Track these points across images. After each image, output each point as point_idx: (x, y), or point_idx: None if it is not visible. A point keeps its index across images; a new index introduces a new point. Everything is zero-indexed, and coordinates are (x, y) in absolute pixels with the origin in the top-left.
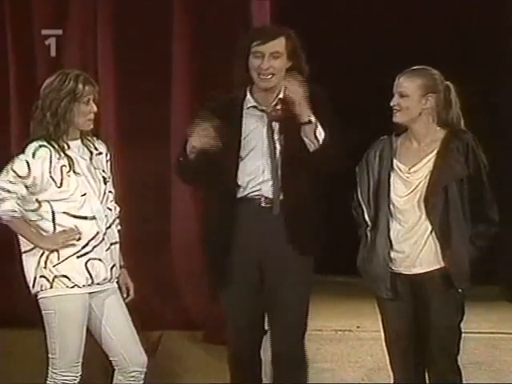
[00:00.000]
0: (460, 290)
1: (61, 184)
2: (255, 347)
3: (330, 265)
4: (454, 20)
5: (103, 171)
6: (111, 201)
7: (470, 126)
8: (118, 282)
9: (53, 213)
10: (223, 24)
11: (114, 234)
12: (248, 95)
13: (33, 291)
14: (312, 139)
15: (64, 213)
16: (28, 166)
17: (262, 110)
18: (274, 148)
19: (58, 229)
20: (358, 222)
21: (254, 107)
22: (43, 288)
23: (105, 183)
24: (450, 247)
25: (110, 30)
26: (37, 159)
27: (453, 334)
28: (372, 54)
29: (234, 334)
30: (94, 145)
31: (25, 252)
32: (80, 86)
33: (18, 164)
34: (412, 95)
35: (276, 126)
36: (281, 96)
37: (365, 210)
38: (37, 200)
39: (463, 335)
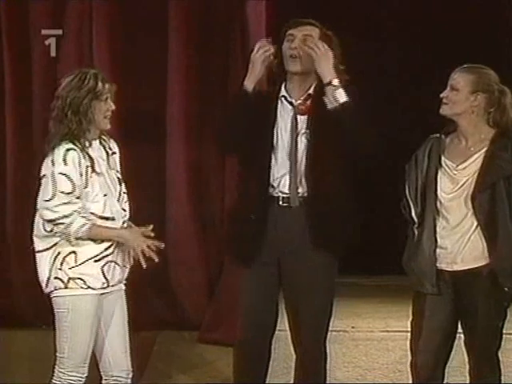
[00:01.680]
0: (506, 289)
1: (86, 185)
2: (264, 343)
3: None
4: (454, 20)
5: (117, 171)
6: (125, 202)
7: None
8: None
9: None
10: (219, 23)
11: None
12: (282, 86)
13: (46, 290)
14: (330, 98)
15: (91, 213)
16: (69, 179)
17: (291, 103)
18: (296, 142)
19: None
20: (407, 219)
21: (284, 98)
22: (57, 288)
23: (120, 184)
24: (497, 244)
25: (106, 30)
26: (70, 165)
27: (493, 333)
28: (370, 54)
29: (246, 326)
30: (108, 145)
31: (38, 251)
32: (100, 84)
33: (60, 182)
34: (462, 90)
35: (302, 120)
36: (311, 92)
37: (412, 207)
38: None
39: (460, 335)
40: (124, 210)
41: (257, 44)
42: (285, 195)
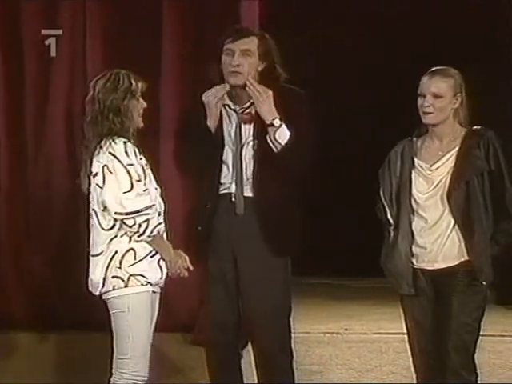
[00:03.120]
0: (484, 283)
1: (145, 176)
2: (227, 341)
3: (318, 267)
4: (454, 20)
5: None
6: (161, 199)
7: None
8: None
9: None
10: (212, 24)
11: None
12: (225, 93)
13: (102, 291)
14: (273, 141)
15: None
16: (135, 170)
17: (234, 110)
18: (241, 148)
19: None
20: (382, 222)
21: (228, 106)
22: (116, 287)
23: (155, 180)
24: (473, 240)
25: (99, 31)
26: (131, 156)
27: (471, 330)
28: (367, 54)
29: (211, 331)
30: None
31: (96, 255)
32: (134, 83)
33: (133, 173)
34: (446, 95)
35: (246, 127)
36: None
37: (387, 209)
38: None
39: None
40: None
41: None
42: (234, 201)
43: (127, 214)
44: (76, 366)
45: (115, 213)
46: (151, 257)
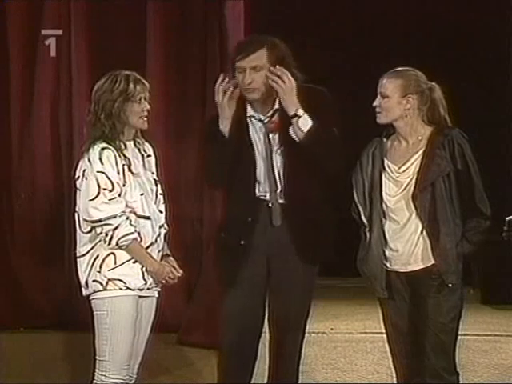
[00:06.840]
0: (450, 285)
1: (124, 183)
2: (252, 344)
3: None
4: (454, 20)
5: (153, 173)
6: (162, 203)
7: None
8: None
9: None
10: (197, 24)
11: (161, 239)
12: (247, 105)
13: (85, 293)
14: (296, 130)
15: (131, 212)
16: (108, 177)
17: (260, 120)
18: (271, 159)
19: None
20: (359, 223)
21: (253, 117)
22: (96, 290)
23: (156, 185)
24: (439, 243)
25: (84, 34)
26: (106, 163)
27: (449, 330)
28: (363, 54)
29: (233, 328)
30: (143, 147)
31: (78, 257)
32: (131, 85)
33: (102, 180)
34: (392, 96)
35: (275, 136)
36: (277, 107)
37: (361, 210)
38: None
39: None
40: (160, 212)
41: (216, 85)
42: (270, 209)
43: (92, 221)
44: (60, 365)
45: (83, 219)
46: (134, 262)
